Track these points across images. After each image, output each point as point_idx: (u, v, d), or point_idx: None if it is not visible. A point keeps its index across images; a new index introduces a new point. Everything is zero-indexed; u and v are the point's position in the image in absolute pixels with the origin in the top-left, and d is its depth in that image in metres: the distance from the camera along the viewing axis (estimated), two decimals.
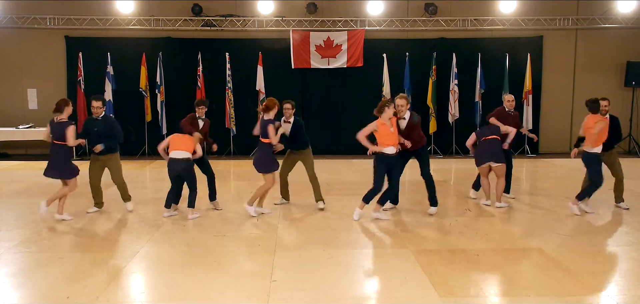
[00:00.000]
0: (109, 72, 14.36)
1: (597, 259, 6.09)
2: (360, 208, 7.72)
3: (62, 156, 7.59)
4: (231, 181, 11.29)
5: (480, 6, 15.08)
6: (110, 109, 14.38)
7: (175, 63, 14.92)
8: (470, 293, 5.08)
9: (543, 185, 10.84)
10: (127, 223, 7.65)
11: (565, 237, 6.95)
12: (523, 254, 6.20)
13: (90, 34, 14.84)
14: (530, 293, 5.07)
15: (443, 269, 5.67)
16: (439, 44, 15.09)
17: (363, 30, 14.80)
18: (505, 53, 14.75)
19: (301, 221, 7.75)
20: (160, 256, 6.19)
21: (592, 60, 15.36)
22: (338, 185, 10.69)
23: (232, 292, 5.08)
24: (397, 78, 14.73)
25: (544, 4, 15.03)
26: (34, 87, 15.11)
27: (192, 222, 7.63)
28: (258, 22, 14.92)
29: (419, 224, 7.53)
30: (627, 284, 5.34)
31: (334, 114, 15.26)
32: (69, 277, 5.45)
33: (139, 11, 14.72)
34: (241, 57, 14.93)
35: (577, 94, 15.43)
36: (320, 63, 14.86)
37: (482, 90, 14.70)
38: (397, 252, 6.33)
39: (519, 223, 7.72)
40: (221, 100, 14.64)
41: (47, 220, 7.59)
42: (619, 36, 15.28)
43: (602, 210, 8.25)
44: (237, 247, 6.55)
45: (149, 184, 11.17)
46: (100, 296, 4.94)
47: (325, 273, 5.58)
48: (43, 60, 14.98)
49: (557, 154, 15.07)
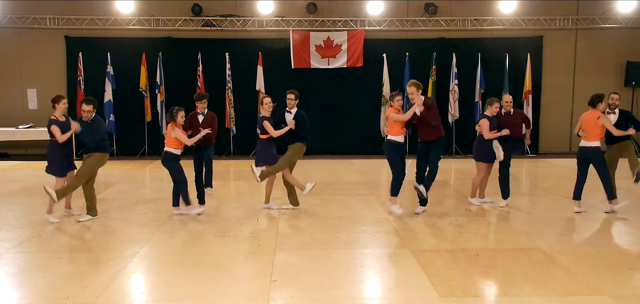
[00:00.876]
0: (109, 72, 14.37)
1: (597, 259, 6.08)
2: (392, 203, 7.91)
3: (50, 152, 7.57)
4: (231, 181, 11.30)
5: (480, 6, 15.08)
6: (111, 109, 14.40)
7: (175, 63, 14.92)
8: (470, 293, 5.08)
9: (543, 184, 10.85)
10: (127, 223, 7.64)
11: (565, 237, 6.95)
12: (523, 254, 6.19)
13: (90, 34, 14.84)
14: (529, 292, 5.07)
15: (443, 270, 5.67)
16: (439, 43, 15.09)
17: (363, 30, 14.80)
18: (505, 53, 14.76)
19: (301, 221, 7.75)
20: (160, 256, 6.19)
21: (592, 60, 15.37)
22: (338, 185, 10.69)
23: (232, 292, 5.08)
24: (397, 78, 14.73)
25: (544, 4, 15.03)
26: (34, 87, 15.11)
27: (192, 222, 7.62)
28: (258, 22, 14.92)
29: (418, 224, 7.53)
30: (626, 283, 5.34)
31: (334, 114, 15.26)
32: (68, 277, 5.45)
33: (138, 11, 14.72)
34: (241, 57, 14.93)
35: (577, 94, 15.45)
36: (320, 63, 14.86)
37: (482, 90, 14.71)
38: (397, 252, 6.33)
39: (519, 223, 7.72)
40: (221, 100, 14.63)
41: (57, 221, 7.57)
42: (619, 36, 15.28)
43: (600, 210, 8.23)
44: (237, 247, 6.54)
45: (148, 184, 11.17)
46: (100, 296, 4.94)
47: (325, 273, 5.58)
48: (43, 60, 14.98)
49: (557, 154, 15.08)
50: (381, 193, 9.27)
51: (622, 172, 8.51)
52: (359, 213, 8.24)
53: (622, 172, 8.51)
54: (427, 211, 8.06)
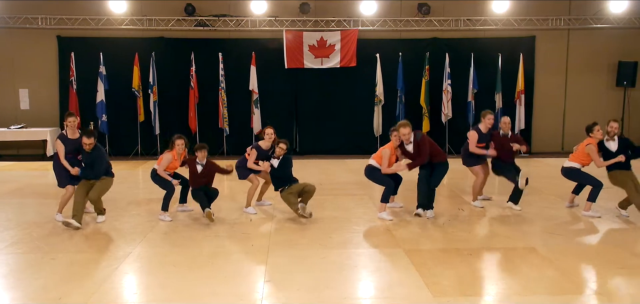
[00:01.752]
0: (102, 72, 14.29)
1: (589, 259, 6.12)
2: (380, 210, 7.95)
3: (54, 163, 7.82)
4: (224, 182, 11.27)
5: (473, 6, 15.11)
6: (103, 109, 14.33)
7: (168, 64, 14.87)
8: (463, 292, 5.10)
9: (535, 184, 10.87)
10: (120, 223, 7.62)
11: (558, 236, 6.99)
12: (515, 254, 6.22)
13: (83, 34, 14.76)
14: (523, 292, 5.09)
15: (436, 269, 5.69)
16: (432, 43, 15.12)
17: (356, 30, 14.81)
18: (498, 53, 14.79)
19: (294, 221, 7.75)
20: (153, 257, 6.17)
21: (584, 60, 15.43)
22: (331, 185, 10.69)
23: (225, 292, 5.08)
24: (391, 78, 14.75)
25: (537, 4, 15.09)
26: (26, 87, 15.01)
27: (185, 223, 7.63)
28: (251, 22, 14.89)
29: (411, 223, 7.55)
30: (618, 283, 5.37)
31: (327, 114, 15.26)
32: (61, 278, 5.43)
33: (131, 11, 14.66)
34: (234, 57, 14.89)
35: (570, 94, 15.52)
36: (313, 63, 14.85)
37: (475, 90, 14.74)
38: (390, 252, 6.34)
39: (511, 222, 7.74)
40: (214, 100, 14.61)
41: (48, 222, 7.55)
42: (611, 36, 15.35)
43: (594, 209, 8.28)
44: (231, 247, 6.54)
45: (141, 185, 11.13)
46: (92, 297, 4.93)
47: (318, 273, 5.59)
48: (35, 60, 14.88)
49: (550, 153, 15.13)
50: (374, 193, 9.28)
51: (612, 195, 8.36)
52: (353, 213, 8.25)
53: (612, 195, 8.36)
54: (419, 212, 8.05)
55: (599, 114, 15.45)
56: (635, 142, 8.26)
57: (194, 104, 14.51)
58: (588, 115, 15.37)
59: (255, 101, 14.60)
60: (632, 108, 15.37)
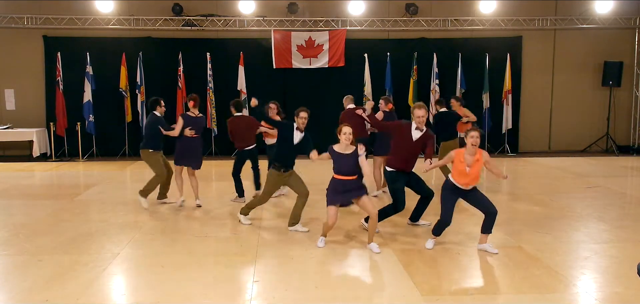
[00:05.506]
0: (88, 72, 14.19)
1: (575, 257, 6.18)
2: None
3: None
4: (213, 182, 11.24)
5: (461, 6, 15.19)
6: (90, 110, 14.23)
7: (155, 64, 14.79)
8: (451, 291, 5.13)
9: (522, 183, 10.96)
10: (108, 224, 7.57)
11: (545, 235, 7.04)
12: (503, 252, 6.26)
13: (69, 34, 14.64)
14: (510, 290, 5.13)
15: (424, 268, 5.72)
16: (419, 44, 15.17)
17: (344, 30, 14.83)
18: (485, 53, 14.89)
19: (283, 221, 7.74)
20: (141, 258, 6.14)
21: (570, 60, 15.58)
22: (320, 185, 10.65)
23: (214, 293, 5.07)
24: (379, 78, 14.79)
25: (523, 5, 15.20)
26: (12, 88, 14.87)
27: (173, 223, 7.60)
28: (239, 22, 14.86)
29: (400, 223, 7.57)
30: (605, 281, 5.43)
31: (316, 114, 15.17)
32: (48, 280, 5.38)
33: (118, 11, 14.57)
34: (222, 57, 14.86)
35: (556, 94, 15.66)
36: (301, 63, 14.85)
37: (462, 90, 14.82)
38: (379, 251, 6.35)
39: (499, 221, 7.75)
40: (202, 100, 14.55)
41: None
42: (597, 36, 15.50)
43: (579, 208, 8.36)
44: (219, 248, 6.52)
45: (129, 185, 11.06)
46: (80, 298, 4.89)
47: (307, 274, 5.59)
48: (21, 60, 14.74)
49: (536, 153, 15.26)
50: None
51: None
52: (341, 213, 8.23)
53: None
54: (408, 208, 7.84)
55: (585, 114, 15.71)
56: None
57: (181, 104, 14.45)
58: (574, 114, 15.65)
59: (244, 101, 14.56)
60: (617, 108, 15.55)
